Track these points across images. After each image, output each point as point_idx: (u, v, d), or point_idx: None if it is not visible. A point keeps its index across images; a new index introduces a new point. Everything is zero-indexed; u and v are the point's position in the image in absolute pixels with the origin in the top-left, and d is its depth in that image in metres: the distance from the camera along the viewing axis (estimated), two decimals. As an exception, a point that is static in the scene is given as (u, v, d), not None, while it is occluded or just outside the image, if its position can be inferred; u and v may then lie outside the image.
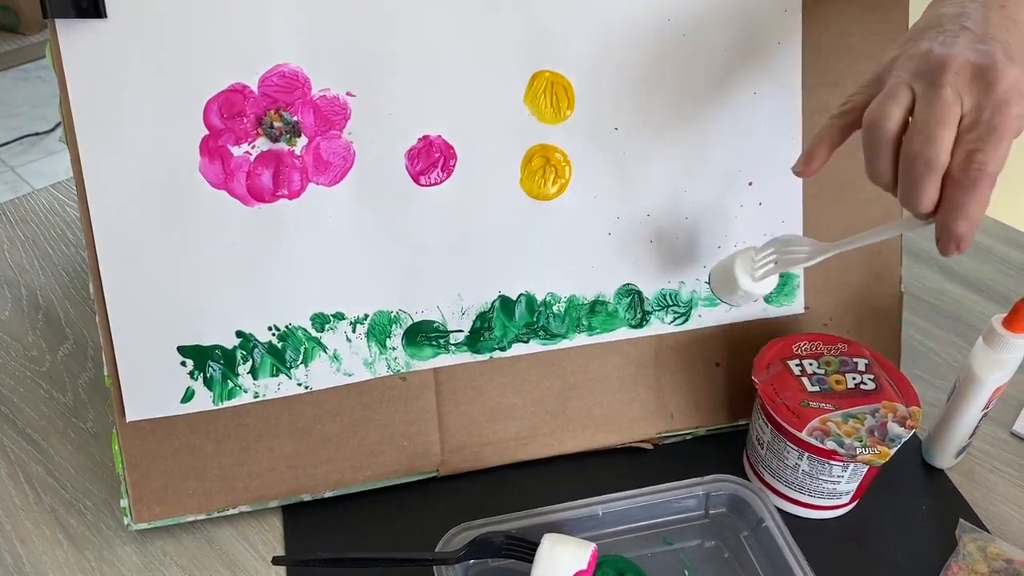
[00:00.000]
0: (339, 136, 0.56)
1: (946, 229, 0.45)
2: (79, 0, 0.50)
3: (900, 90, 0.45)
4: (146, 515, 0.59)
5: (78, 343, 0.75)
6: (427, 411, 0.62)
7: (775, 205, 0.64)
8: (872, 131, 0.45)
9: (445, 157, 0.58)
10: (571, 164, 0.60)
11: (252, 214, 0.56)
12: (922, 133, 0.43)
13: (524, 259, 0.61)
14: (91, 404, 0.69)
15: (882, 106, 0.45)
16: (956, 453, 0.64)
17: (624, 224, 0.62)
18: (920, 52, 0.45)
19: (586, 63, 0.58)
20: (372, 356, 0.60)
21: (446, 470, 0.63)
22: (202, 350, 0.57)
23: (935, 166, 0.43)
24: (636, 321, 0.64)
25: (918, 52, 0.45)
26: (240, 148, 0.55)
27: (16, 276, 0.81)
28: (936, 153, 0.43)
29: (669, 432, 0.66)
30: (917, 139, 0.44)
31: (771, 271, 0.57)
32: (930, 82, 0.44)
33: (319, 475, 0.61)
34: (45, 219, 0.88)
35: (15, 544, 0.59)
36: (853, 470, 0.58)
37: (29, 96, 2.60)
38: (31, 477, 0.64)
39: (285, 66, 0.54)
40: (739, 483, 0.59)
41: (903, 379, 0.61)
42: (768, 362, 0.61)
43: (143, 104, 0.53)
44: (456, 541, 0.55)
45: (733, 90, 0.61)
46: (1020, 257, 0.87)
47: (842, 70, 0.62)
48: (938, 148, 0.43)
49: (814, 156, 0.51)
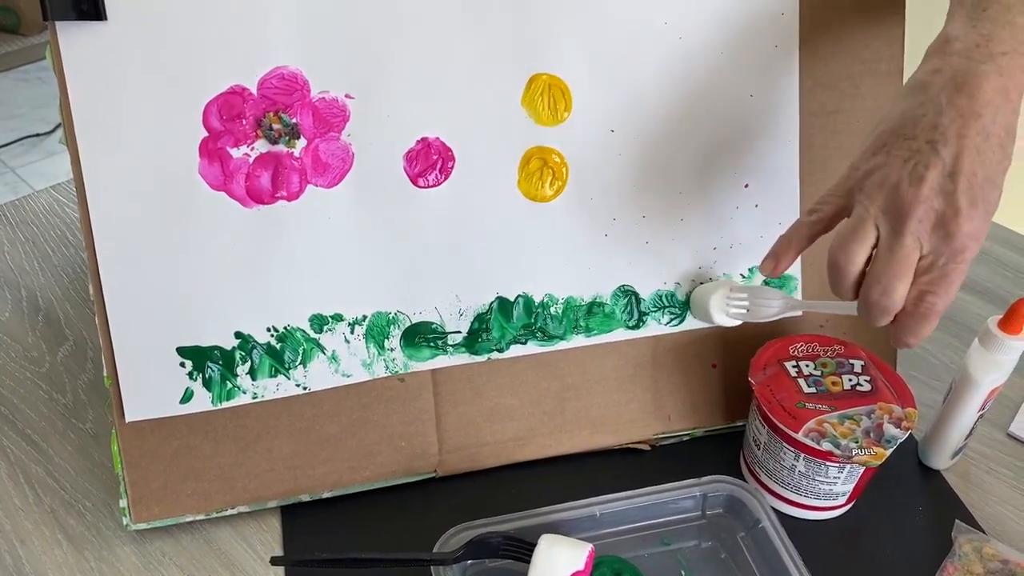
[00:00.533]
0: (338, 138, 0.57)
1: (898, 340, 0.49)
2: (79, 2, 0.50)
3: (866, 228, 0.47)
4: (145, 515, 0.59)
5: (78, 344, 0.75)
6: (425, 412, 0.62)
7: (771, 207, 0.64)
8: (836, 270, 0.49)
9: (443, 159, 0.58)
10: (568, 166, 0.60)
11: (251, 215, 0.56)
12: (880, 283, 0.47)
13: (522, 260, 0.61)
14: (90, 405, 0.70)
15: (847, 248, 0.48)
16: (952, 454, 0.65)
17: (621, 226, 0.62)
18: (890, 184, 0.47)
19: (583, 66, 0.59)
20: (370, 357, 0.60)
21: (444, 471, 0.63)
22: (201, 351, 0.58)
23: (890, 312, 0.48)
24: (633, 322, 0.64)
25: (888, 182, 0.47)
26: (239, 150, 0.55)
27: (16, 277, 0.81)
28: (892, 303, 0.47)
29: (666, 433, 0.66)
30: (875, 289, 0.47)
31: (742, 316, 0.62)
32: (894, 228, 0.46)
33: (317, 476, 0.61)
34: (45, 220, 0.88)
35: (15, 544, 0.60)
36: (849, 471, 0.58)
37: (29, 97, 2.60)
38: (31, 478, 0.64)
39: (284, 68, 0.55)
40: (736, 484, 0.59)
41: (899, 380, 0.61)
42: (764, 363, 0.61)
43: (143, 106, 0.53)
44: (454, 541, 0.55)
45: (730, 93, 0.61)
46: (1016, 259, 0.87)
47: (839, 72, 0.62)
48: (894, 299, 0.47)
49: (781, 259, 0.54)
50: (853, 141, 0.64)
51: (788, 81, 0.62)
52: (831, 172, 0.64)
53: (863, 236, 0.48)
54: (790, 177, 0.64)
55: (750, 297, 0.61)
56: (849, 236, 0.48)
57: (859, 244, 0.48)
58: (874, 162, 0.48)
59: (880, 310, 0.48)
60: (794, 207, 0.64)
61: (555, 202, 0.61)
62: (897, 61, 0.63)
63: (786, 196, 0.64)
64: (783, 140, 0.63)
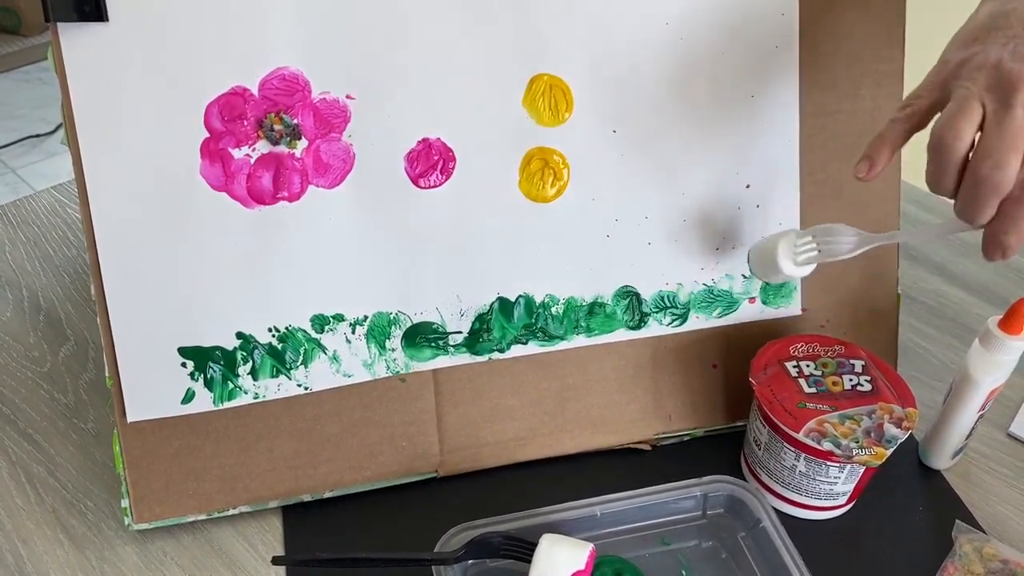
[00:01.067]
0: (339, 139, 0.57)
1: (996, 239, 0.46)
2: (81, 3, 0.50)
3: (971, 106, 0.45)
4: (147, 515, 0.59)
5: (79, 344, 0.75)
6: (426, 412, 0.62)
7: (773, 207, 0.64)
8: (942, 149, 0.45)
9: (444, 160, 0.58)
10: (569, 166, 0.60)
11: (252, 216, 0.56)
12: (991, 157, 0.44)
13: (523, 261, 0.61)
14: (92, 405, 0.70)
15: (953, 124, 0.45)
16: (952, 454, 0.65)
17: (622, 226, 0.62)
18: (990, 63, 0.45)
19: (584, 66, 0.59)
20: (371, 357, 0.60)
21: (445, 471, 0.64)
22: (202, 351, 0.58)
23: (1001, 190, 0.44)
24: (634, 323, 0.64)
25: (988, 63, 0.45)
26: (240, 151, 0.55)
27: (17, 277, 0.82)
28: (1005, 178, 0.44)
29: (667, 433, 0.67)
30: (986, 163, 0.44)
31: (813, 259, 0.58)
32: (1002, 101, 0.44)
33: (319, 475, 0.61)
34: (46, 221, 0.88)
35: (16, 544, 0.60)
36: (850, 471, 0.58)
37: (30, 98, 2.60)
38: (32, 478, 0.64)
39: (285, 69, 0.55)
40: (736, 484, 0.59)
41: (900, 381, 0.61)
42: (765, 363, 0.62)
43: (144, 106, 0.53)
44: (455, 541, 0.55)
45: (730, 93, 0.61)
46: (1016, 259, 0.87)
47: (839, 73, 0.63)
48: (1007, 174, 0.44)
49: (877, 159, 0.50)
50: (853, 141, 0.64)
51: (788, 81, 0.62)
52: (831, 172, 0.65)
53: (969, 113, 0.45)
54: (790, 177, 0.64)
55: (819, 237, 0.57)
56: (956, 112, 0.45)
57: (966, 120, 0.45)
58: (969, 52, 0.46)
59: (991, 187, 0.44)
60: (794, 207, 0.64)
61: (556, 202, 0.61)
62: (897, 61, 0.63)
63: (786, 196, 0.64)
64: (783, 140, 0.63)
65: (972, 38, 0.47)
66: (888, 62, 0.63)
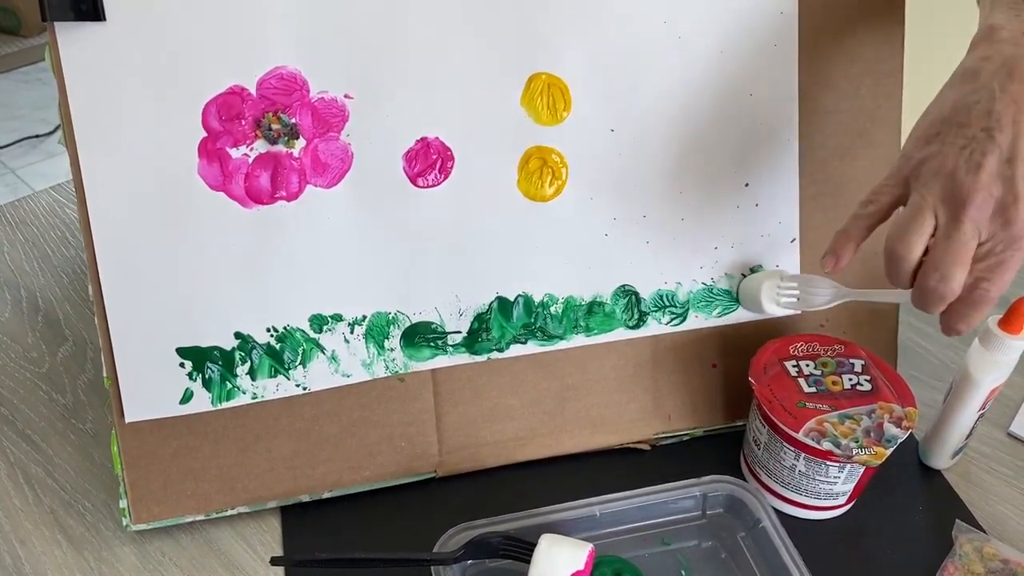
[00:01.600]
0: (337, 138, 0.57)
1: (948, 326, 0.49)
2: (78, 3, 0.50)
3: (923, 218, 0.47)
4: (145, 516, 0.59)
5: (77, 344, 0.75)
6: (425, 412, 0.62)
7: (772, 206, 0.64)
8: (894, 259, 0.48)
9: (443, 159, 0.58)
10: (568, 165, 0.60)
11: (250, 216, 0.56)
12: (938, 271, 0.46)
13: (522, 260, 0.61)
14: (90, 405, 0.70)
15: (905, 237, 0.48)
16: (952, 454, 0.65)
17: (621, 225, 0.62)
18: (946, 172, 0.46)
19: (583, 65, 0.59)
20: (370, 357, 0.60)
21: (444, 471, 0.63)
22: (201, 351, 0.58)
23: (948, 298, 0.47)
24: (633, 322, 0.64)
25: (944, 170, 0.46)
26: (238, 150, 0.55)
27: (16, 278, 0.81)
28: (949, 290, 0.47)
29: (666, 433, 0.66)
30: (934, 276, 0.47)
31: (792, 305, 0.62)
32: (952, 215, 0.46)
33: (317, 476, 0.61)
34: (45, 221, 0.88)
35: (14, 545, 0.60)
36: (849, 471, 0.58)
37: (30, 98, 2.61)
38: (30, 478, 0.64)
39: (283, 68, 0.55)
40: (736, 484, 0.59)
41: (899, 380, 0.61)
42: (765, 363, 0.61)
43: (142, 106, 0.53)
44: (454, 542, 0.55)
45: (730, 92, 0.61)
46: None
47: (838, 72, 0.63)
48: (952, 286, 0.46)
49: (842, 254, 0.53)
50: (853, 141, 0.64)
51: (788, 80, 0.62)
52: (831, 172, 0.64)
53: (921, 225, 0.47)
54: (790, 177, 0.64)
55: (800, 286, 0.62)
56: (907, 225, 0.48)
57: (917, 233, 0.47)
58: (928, 151, 0.47)
59: (937, 297, 0.47)
60: (794, 206, 0.64)
61: (555, 202, 0.61)
62: (897, 61, 0.63)
63: (786, 195, 0.64)
64: (783, 140, 0.63)
65: (935, 132, 0.48)
66: (888, 62, 0.63)
